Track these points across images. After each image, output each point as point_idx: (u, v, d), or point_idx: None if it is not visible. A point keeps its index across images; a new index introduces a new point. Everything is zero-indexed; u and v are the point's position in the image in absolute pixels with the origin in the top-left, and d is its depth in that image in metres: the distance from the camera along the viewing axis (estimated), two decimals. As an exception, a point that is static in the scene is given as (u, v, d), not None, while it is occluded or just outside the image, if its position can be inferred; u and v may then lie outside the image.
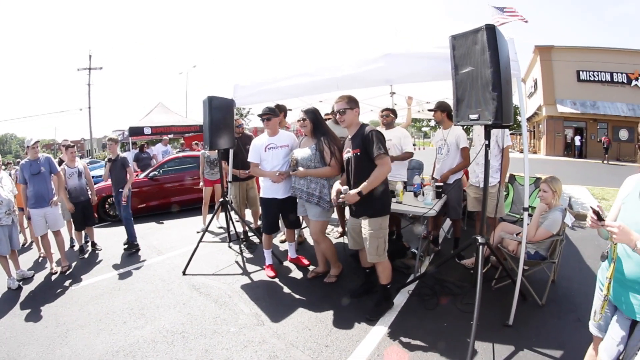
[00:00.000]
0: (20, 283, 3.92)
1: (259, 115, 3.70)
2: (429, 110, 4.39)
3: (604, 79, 21.45)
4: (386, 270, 2.94)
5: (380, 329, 2.74)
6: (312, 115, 3.41)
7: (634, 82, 20.99)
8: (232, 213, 4.41)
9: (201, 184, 5.82)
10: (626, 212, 1.59)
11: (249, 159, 3.76)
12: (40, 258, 4.86)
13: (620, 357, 1.51)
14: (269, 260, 3.93)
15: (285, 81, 3.93)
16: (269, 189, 3.66)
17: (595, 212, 1.53)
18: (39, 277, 4.15)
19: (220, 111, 4.05)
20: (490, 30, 2.09)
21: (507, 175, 4.51)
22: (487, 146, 2.48)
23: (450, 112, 3.83)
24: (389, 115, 4.32)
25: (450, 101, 4.65)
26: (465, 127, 3.90)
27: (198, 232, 5.52)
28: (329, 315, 2.99)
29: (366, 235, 2.84)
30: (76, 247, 5.11)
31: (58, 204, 4.28)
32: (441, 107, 4.04)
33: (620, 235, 1.41)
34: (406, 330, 2.72)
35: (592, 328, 1.77)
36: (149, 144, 10.57)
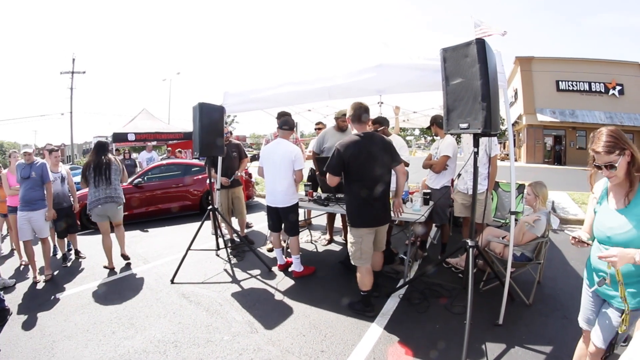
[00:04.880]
0: (2, 292, 3.78)
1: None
2: (427, 128, 4.52)
3: (582, 89, 22.31)
4: (360, 277, 3.03)
5: (375, 333, 2.77)
6: None
7: (611, 91, 21.94)
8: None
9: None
10: (600, 217, 1.74)
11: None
12: (22, 266, 4.69)
13: (613, 342, 1.63)
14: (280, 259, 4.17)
15: (276, 89, 3.94)
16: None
17: (574, 239, 1.75)
18: (21, 286, 4.00)
19: (211, 118, 4.02)
20: (480, 44, 2.18)
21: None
22: (476, 154, 2.56)
23: (442, 123, 3.97)
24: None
25: (437, 111, 4.77)
26: (454, 135, 4.03)
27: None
28: (322, 320, 3.00)
29: None
30: (59, 255, 4.95)
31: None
32: (435, 122, 4.22)
33: (620, 259, 1.45)
34: (400, 333, 2.76)
35: (582, 323, 1.90)
36: (130, 151, 10.40)
